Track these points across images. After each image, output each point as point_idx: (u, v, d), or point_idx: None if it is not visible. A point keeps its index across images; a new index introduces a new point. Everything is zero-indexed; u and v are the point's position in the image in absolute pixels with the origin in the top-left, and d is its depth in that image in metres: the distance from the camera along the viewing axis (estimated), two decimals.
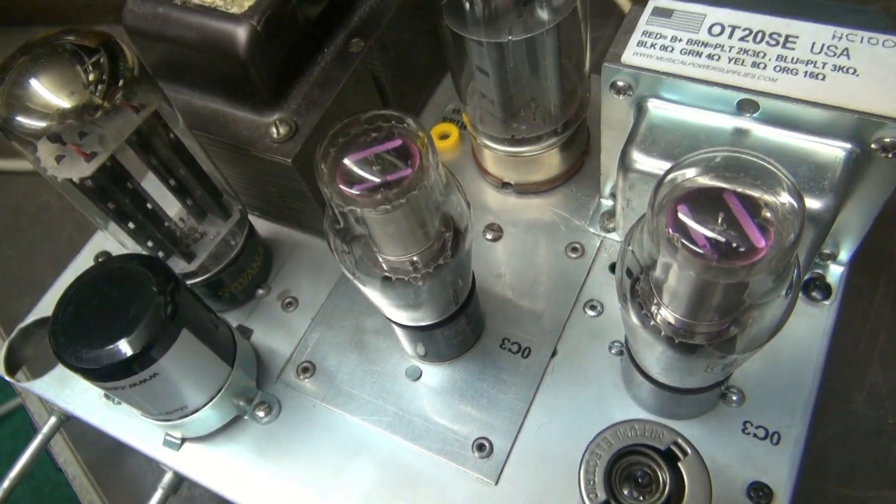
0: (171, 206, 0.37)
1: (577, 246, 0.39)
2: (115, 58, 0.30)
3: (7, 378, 0.42)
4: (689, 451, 0.23)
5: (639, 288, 0.28)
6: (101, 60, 0.30)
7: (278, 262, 0.43)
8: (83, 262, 0.45)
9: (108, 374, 0.30)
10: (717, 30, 0.31)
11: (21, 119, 0.29)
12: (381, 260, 0.30)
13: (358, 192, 0.26)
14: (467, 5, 0.32)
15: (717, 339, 0.26)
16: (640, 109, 0.32)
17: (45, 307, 0.44)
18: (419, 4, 0.42)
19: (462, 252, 0.30)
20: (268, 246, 0.43)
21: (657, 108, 0.32)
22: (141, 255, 0.32)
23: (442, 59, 0.47)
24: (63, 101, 0.29)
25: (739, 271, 0.22)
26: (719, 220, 0.23)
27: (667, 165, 0.30)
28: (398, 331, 0.36)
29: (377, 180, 0.26)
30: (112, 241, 0.43)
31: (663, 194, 0.24)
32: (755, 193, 0.23)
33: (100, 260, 0.45)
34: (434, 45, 0.46)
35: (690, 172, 0.24)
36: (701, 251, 0.22)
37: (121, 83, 0.30)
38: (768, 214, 0.23)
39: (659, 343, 0.27)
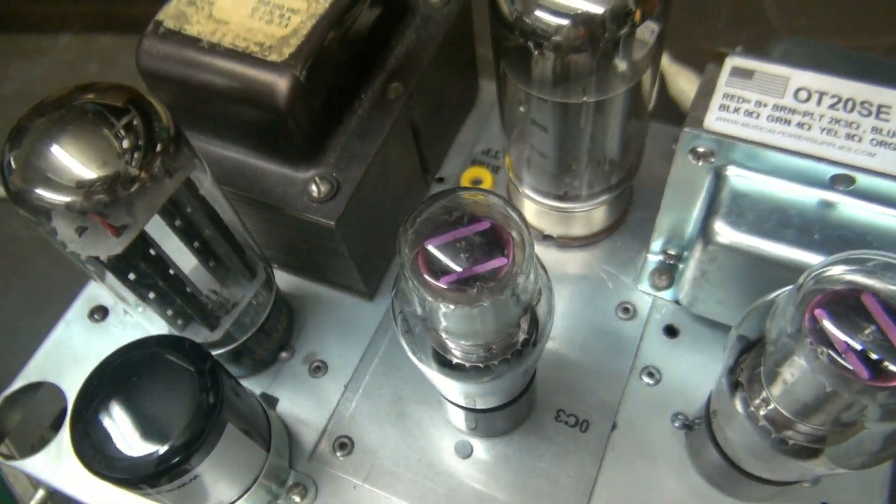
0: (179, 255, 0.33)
1: (629, 306, 0.37)
2: (149, 118, 0.26)
3: None
4: None
5: (742, 379, 0.26)
6: (134, 122, 0.26)
7: (300, 319, 0.39)
8: (75, 317, 0.41)
9: (143, 482, 0.26)
10: (803, 95, 0.29)
11: (41, 192, 0.25)
12: (450, 345, 0.27)
13: (447, 286, 0.23)
14: (536, 59, 0.29)
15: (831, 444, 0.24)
16: (719, 176, 0.30)
17: (35, 371, 0.39)
18: (456, 42, 0.39)
19: (543, 338, 0.27)
20: (288, 302, 0.39)
21: (739, 177, 0.30)
22: (172, 338, 0.28)
23: (469, 96, 0.45)
24: (91, 172, 0.25)
25: (890, 393, 0.20)
26: (866, 332, 0.21)
27: (756, 240, 0.29)
28: (450, 407, 0.33)
29: (468, 272, 0.24)
30: (108, 292, 0.39)
31: (801, 296, 0.22)
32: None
33: (95, 317, 0.40)
34: (465, 82, 0.44)
35: (830, 273, 0.22)
36: (851, 367, 0.20)
37: (159, 148, 0.26)
38: None
39: (765, 442, 0.25)
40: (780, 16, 0.60)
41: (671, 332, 0.36)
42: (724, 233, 0.29)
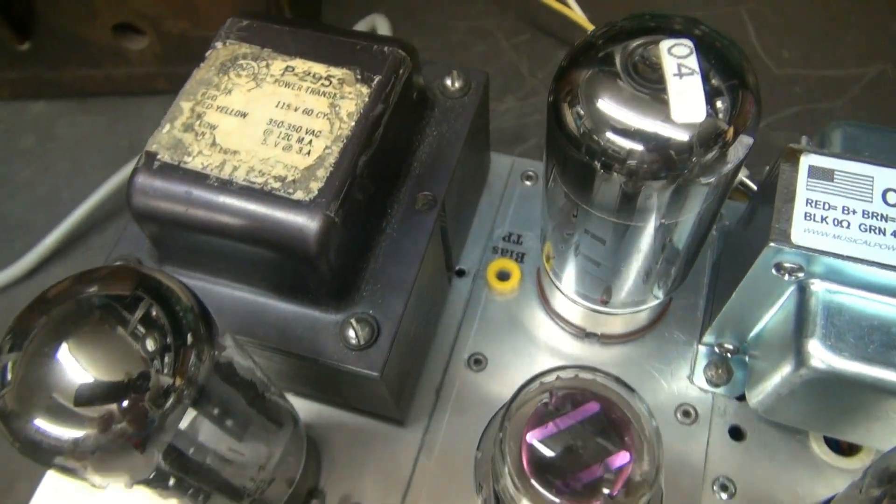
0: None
1: (689, 409, 0.34)
2: (167, 303, 0.21)
3: None
4: None
5: None
6: (154, 313, 0.21)
7: (327, 455, 0.35)
8: None
9: None
10: (893, 198, 0.27)
11: (42, 426, 0.19)
12: None
13: (565, 498, 0.20)
14: (601, 180, 0.25)
15: None
16: (803, 289, 0.28)
17: None
18: (477, 130, 0.35)
19: None
20: (311, 436, 0.34)
21: (830, 293, 0.27)
22: None
23: (483, 175, 0.41)
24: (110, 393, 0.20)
25: None
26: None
27: (861, 366, 0.26)
28: None
29: (587, 475, 0.20)
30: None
31: None
32: None
33: None
34: (482, 164, 0.40)
35: None
36: None
37: (190, 341, 0.21)
38: None
39: None
40: (765, 50, 0.59)
41: (737, 434, 0.34)
42: (823, 356, 0.26)
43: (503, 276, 0.38)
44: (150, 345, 0.21)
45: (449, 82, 0.33)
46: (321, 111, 0.27)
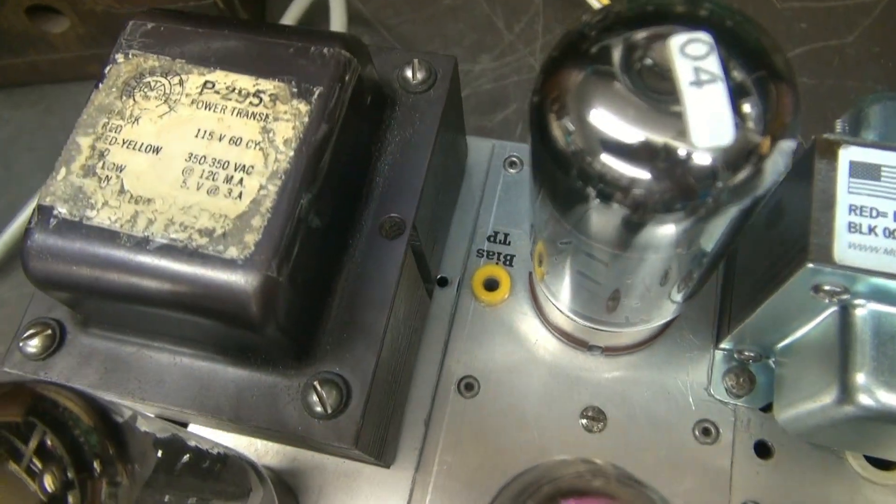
0: None
1: (709, 427, 0.31)
2: (63, 427, 0.17)
3: None
4: None
5: None
6: (49, 443, 0.17)
7: (308, 502, 0.31)
8: None
9: None
10: None
11: None
12: None
13: None
14: (600, 211, 0.21)
15: None
16: (847, 311, 0.23)
17: None
18: (449, 124, 0.30)
19: None
20: (288, 486, 0.31)
21: (879, 315, 0.23)
22: None
23: (461, 165, 0.36)
24: None
25: None
26: None
27: None
28: None
29: None
30: None
31: None
32: None
33: None
34: (458, 157, 0.35)
35: None
36: None
37: (97, 469, 0.17)
38: None
39: None
40: None
41: (763, 450, 0.30)
42: (873, 393, 0.22)
43: (491, 285, 0.34)
44: (50, 484, 0.16)
45: (410, 74, 0.28)
46: (252, 139, 0.22)
